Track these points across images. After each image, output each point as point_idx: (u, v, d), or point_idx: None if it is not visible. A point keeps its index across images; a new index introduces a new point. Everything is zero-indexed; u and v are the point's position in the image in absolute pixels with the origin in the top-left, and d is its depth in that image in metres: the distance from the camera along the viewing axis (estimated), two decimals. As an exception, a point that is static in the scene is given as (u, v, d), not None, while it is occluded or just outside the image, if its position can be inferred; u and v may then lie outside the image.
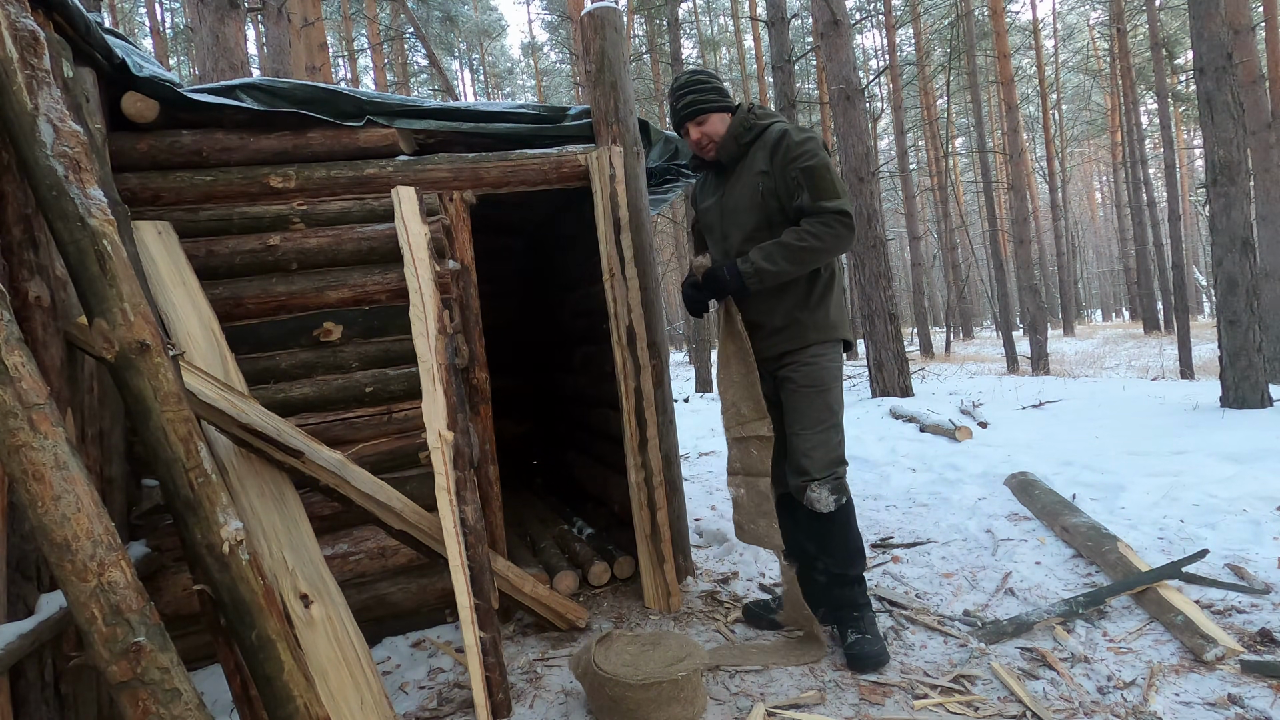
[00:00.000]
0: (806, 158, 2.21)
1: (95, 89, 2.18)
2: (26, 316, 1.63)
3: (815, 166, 2.20)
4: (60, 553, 1.19)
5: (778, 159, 2.26)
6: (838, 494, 2.28)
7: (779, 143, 2.26)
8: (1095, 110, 28.97)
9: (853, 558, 2.34)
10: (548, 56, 29.83)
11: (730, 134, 2.35)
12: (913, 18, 20.96)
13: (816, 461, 2.27)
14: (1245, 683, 1.93)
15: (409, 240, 2.35)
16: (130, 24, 21.25)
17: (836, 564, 2.34)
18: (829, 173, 2.21)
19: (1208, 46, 5.77)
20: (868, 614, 2.33)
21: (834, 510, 2.26)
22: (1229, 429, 4.83)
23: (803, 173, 2.21)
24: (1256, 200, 8.38)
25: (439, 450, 2.08)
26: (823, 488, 2.25)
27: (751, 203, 2.33)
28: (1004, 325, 15.13)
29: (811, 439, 2.28)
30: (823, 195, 2.19)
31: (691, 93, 2.36)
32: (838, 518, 2.29)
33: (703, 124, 2.37)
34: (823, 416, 2.29)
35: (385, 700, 1.82)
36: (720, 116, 2.37)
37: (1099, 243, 44.17)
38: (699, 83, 2.38)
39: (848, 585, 2.34)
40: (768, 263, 2.22)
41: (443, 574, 2.61)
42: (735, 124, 2.35)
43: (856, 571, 2.35)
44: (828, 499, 2.25)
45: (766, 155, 2.29)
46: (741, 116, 2.36)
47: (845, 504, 2.31)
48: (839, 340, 2.36)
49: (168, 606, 2.31)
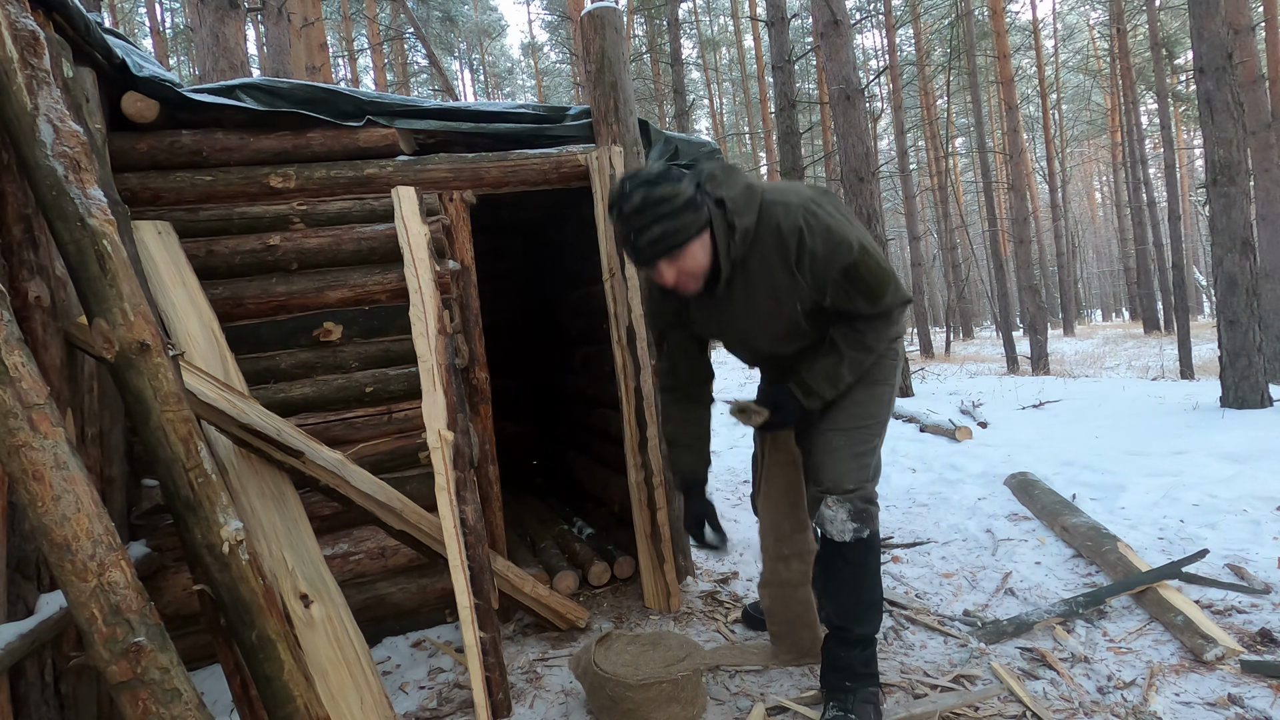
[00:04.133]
0: (842, 255, 1.73)
1: (95, 89, 2.18)
2: (26, 316, 1.63)
3: (857, 263, 1.74)
4: (60, 553, 1.19)
5: (805, 267, 1.75)
6: (859, 522, 1.84)
7: (801, 247, 1.73)
8: (1095, 110, 28.97)
9: (863, 612, 1.90)
10: (548, 56, 29.85)
11: (724, 256, 1.74)
12: (913, 18, 20.96)
13: (842, 464, 1.86)
14: (1245, 683, 1.93)
15: (409, 240, 2.35)
16: (130, 24, 21.25)
17: (838, 613, 1.92)
18: (872, 258, 1.76)
19: (1208, 46, 5.77)
20: (863, 691, 1.86)
21: (849, 541, 1.84)
22: (1229, 429, 4.83)
23: (844, 274, 1.75)
24: (1256, 200, 8.38)
25: (439, 450, 2.08)
26: (841, 507, 1.84)
27: (776, 314, 1.86)
28: (1004, 325, 15.13)
29: (840, 437, 1.90)
30: (879, 293, 1.79)
31: (658, 221, 1.64)
32: (853, 555, 1.86)
33: (679, 259, 1.70)
34: (863, 414, 1.92)
35: (385, 700, 1.82)
36: (700, 242, 1.71)
37: (1099, 243, 44.17)
38: (663, 202, 1.64)
39: (848, 646, 1.91)
40: (835, 388, 1.89)
41: (443, 574, 2.61)
42: (723, 241, 1.73)
43: (861, 632, 1.90)
44: (844, 524, 1.84)
45: (784, 262, 1.76)
46: (722, 227, 1.72)
47: (867, 539, 1.86)
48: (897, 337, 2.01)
49: (168, 606, 2.31)
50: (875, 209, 8.06)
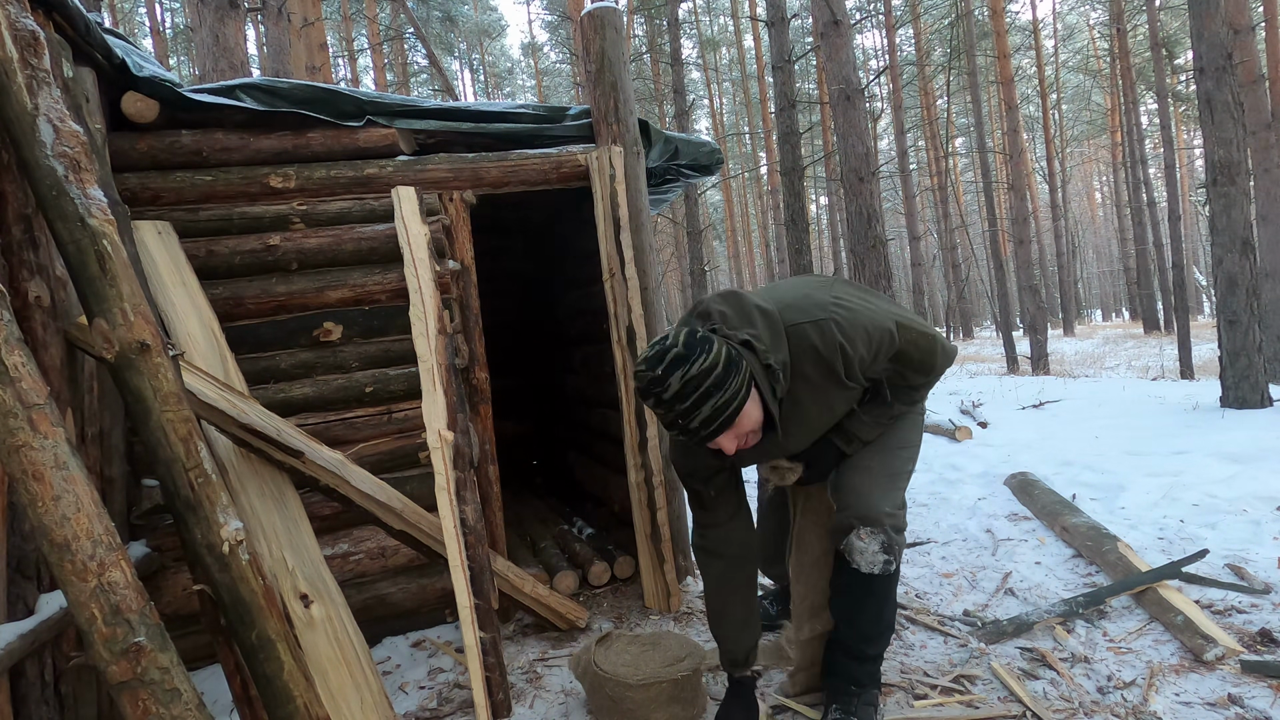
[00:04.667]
0: (886, 347, 1.70)
1: (95, 89, 2.18)
2: (26, 316, 1.63)
3: (901, 348, 1.72)
4: (60, 553, 1.19)
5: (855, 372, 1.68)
6: (890, 554, 1.76)
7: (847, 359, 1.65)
8: (1095, 110, 28.97)
9: (879, 635, 1.88)
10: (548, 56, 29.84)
11: (772, 402, 1.60)
12: (913, 18, 20.97)
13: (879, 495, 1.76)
14: (1245, 683, 1.93)
15: (409, 240, 2.34)
16: (130, 24, 21.25)
17: (855, 637, 1.87)
18: (911, 332, 1.74)
19: (1208, 46, 5.77)
20: (866, 694, 1.87)
21: (877, 575, 1.77)
22: (1229, 429, 4.83)
23: (894, 361, 1.75)
24: (1256, 200, 8.38)
25: (439, 450, 2.08)
26: (874, 538, 1.75)
27: (830, 421, 1.80)
28: (1004, 325, 15.13)
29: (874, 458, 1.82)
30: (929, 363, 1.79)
31: (706, 400, 1.49)
32: (880, 587, 1.80)
33: (738, 425, 1.56)
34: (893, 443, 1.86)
35: (385, 700, 1.82)
36: (753, 399, 1.57)
37: (1099, 243, 44.16)
38: (703, 377, 1.48)
39: (858, 661, 1.88)
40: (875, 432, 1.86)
41: (443, 574, 2.61)
42: (766, 385, 1.58)
43: (876, 651, 1.90)
44: (876, 555, 1.75)
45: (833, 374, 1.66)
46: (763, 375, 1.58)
47: (895, 572, 1.80)
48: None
49: (168, 606, 2.31)
50: (875, 209, 8.06)
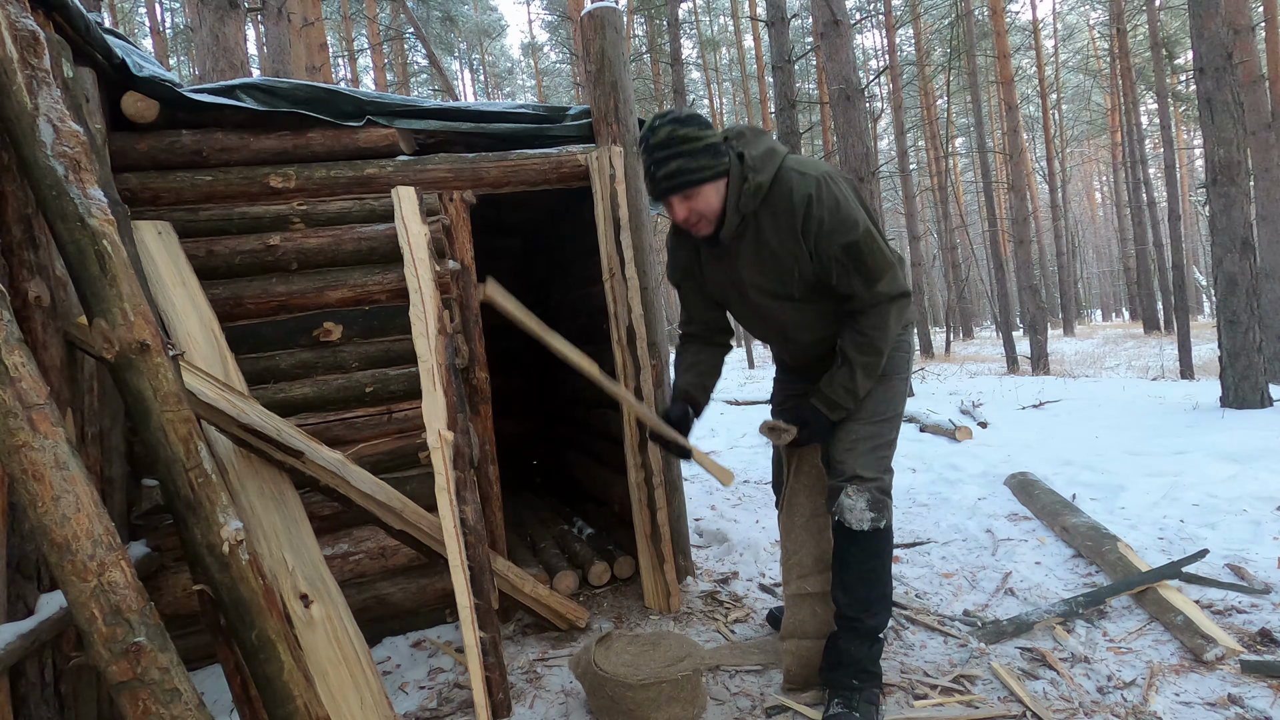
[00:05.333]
0: (845, 232, 1.81)
1: (95, 89, 2.18)
2: (26, 316, 1.63)
3: (858, 243, 1.82)
4: (60, 553, 1.19)
5: (810, 237, 1.84)
6: (877, 512, 1.90)
7: (809, 217, 1.81)
8: (1095, 110, 28.97)
9: (875, 603, 1.96)
10: (548, 56, 29.85)
11: (732, 207, 1.85)
12: (913, 18, 20.96)
13: (861, 456, 1.93)
14: (1245, 683, 1.93)
15: (409, 240, 2.34)
16: (130, 24, 21.26)
17: (849, 604, 1.95)
18: (875, 242, 1.84)
19: (1208, 46, 5.77)
20: (868, 690, 1.90)
21: (866, 530, 1.90)
22: (1229, 429, 4.84)
23: (846, 253, 1.83)
24: (1256, 200, 8.38)
25: (439, 450, 2.08)
26: (860, 496, 1.90)
27: (787, 282, 1.93)
28: (1004, 325, 15.13)
29: (859, 429, 1.96)
30: (876, 275, 1.85)
31: (678, 157, 1.77)
32: (868, 543, 1.93)
33: (691, 198, 1.82)
34: (878, 408, 1.98)
35: (385, 700, 1.82)
36: (714, 186, 1.82)
37: (1099, 243, 44.17)
38: (686, 140, 1.77)
39: (859, 639, 1.94)
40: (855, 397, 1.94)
41: (443, 574, 2.61)
42: (734, 192, 1.84)
43: (872, 624, 1.95)
44: (863, 512, 1.89)
45: (791, 229, 1.85)
46: (738, 179, 1.84)
47: (884, 531, 1.94)
48: (908, 325, 2.10)
49: (168, 606, 2.31)
50: (875, 209, 8.05)
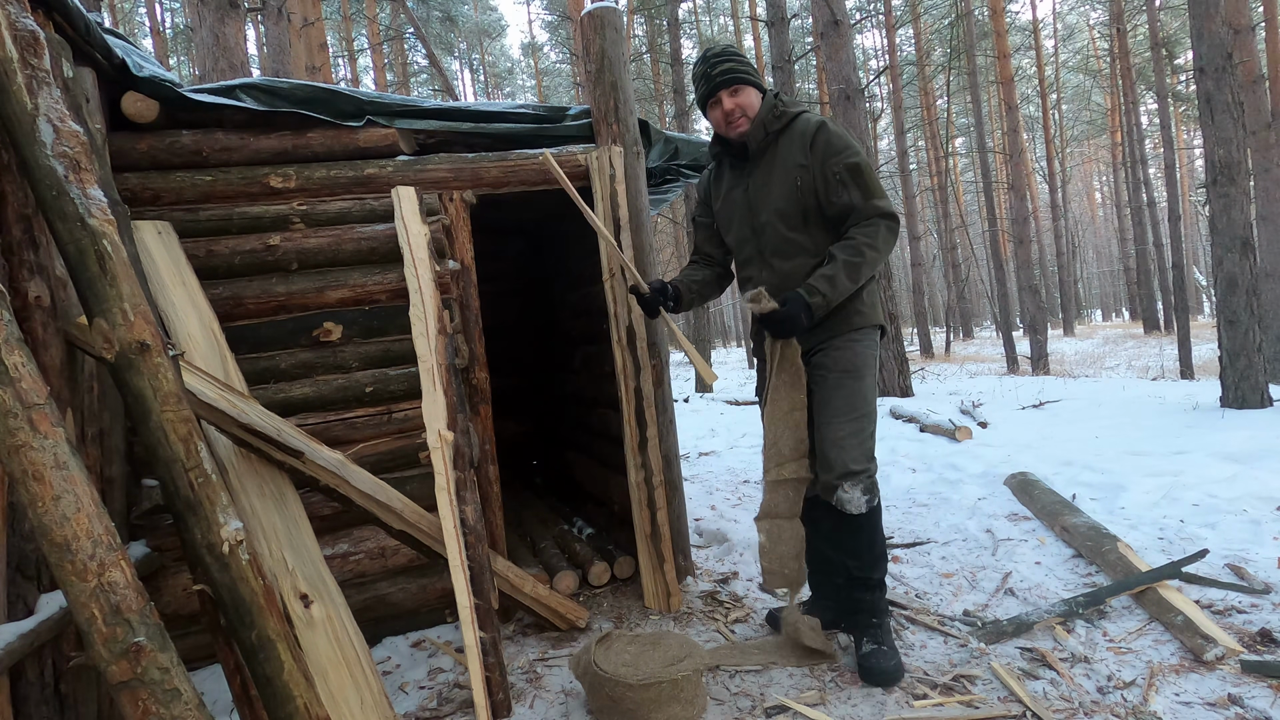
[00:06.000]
0: (850, 154, 2.14)
1: (95, 89, 2.18)
2: (26, 316, 1.63)
3: (860, 164, 2.13)
4: (60, 553, 1.19)
5: (817, 153, 2.16)
6: (870, 494, 2.16)
7: (818, 135, 2.17)
8: (1095, 110, 28.96)
9: (877, 561, 2.24)
10: (548, 56, 29.83)
11: (760, 119, 2.23)
12: (913, 18, 20.96)
13: (849, 452, 2.13)
14: (1245, 683, 1.93)
15: (409, 240, 2.35)
16: (130, 24, 21.25)
17: (860, 567, 2.23)
18: (870, 171, 2.14)
19: (1208, 46, 5.77)
20: (886, 623, 2.24)
21: (865, 512, 2.15)
22: (1229, 429, 4.83)
23: (848, 170, 2.13)
24: (1256, 200, 8.38)
25: (439, 450, 2.08)
26: (855, 487, 2.13)
27: (789, 197, 2.21)
28: (1004, 325, 15.13)
29: (844, 427, 2.15)
30: (871, 194, 2.12)
31: (728, 60, 2.23)
32: (867, 521, 2.18)
33: (737, 94, 2.23)
34: (856, 404, 2.17)
35: (385, 700, 1.82)
36: (755, 91, 2.26)
37: (1099, 243, 44.16)
38: (738, 55, 2.26)
39: (869, 590, 2.24)
40: (834, 289, 2.10)
41: (443, 574, 2.61)
42: (765, 109, 2.23)
43: (880, 575, 2.25)
44: (859, 500, 2.13)
45: (802, 148, 2.19)
46: (770, 102, 2.25)
47: (876, 506, 2.19)
48: (877, 326, 2.28)
49: (168, 606, 2.31)
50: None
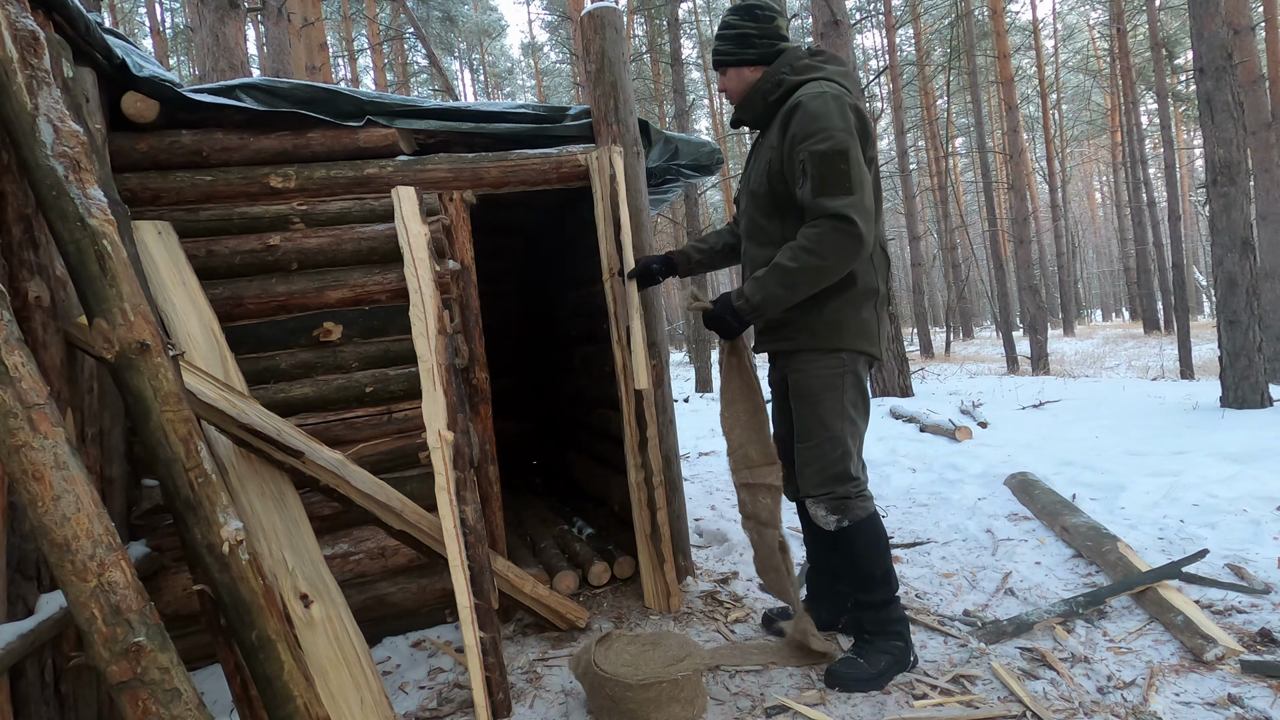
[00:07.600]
0: (818, 140, 1.86)
1: (95, 89, 2.18)
2: (26, 316, 1.63)
3: (825, 152, 1.84)
4: (60, 553, 1.19)
5: (788, 134, 1.95)
6: (838, 514, 2.10)
7: (794, 114, 1.94)
8: (1095, 110, 28.96)
9: (866, 583, 2.15)
10: (548, 56, 29.83)
11: (758, 91, 2.09)
12: (913, 18, 20.95)
13: (808, 479, 2.13)
14: (1245, 683, 1.93)
15: (409, 240, 2.34)
16: (130, 24, 21.26)
17: (852, 584, 2.22)
18: (841, 162, 1.84)
19: (1208, 46, 5.77)
20: (878, 643, 2.13)
21: (834, 531, 2.12)
22: (1229, 429, 4.83)
23: (811, 158, 1.87)
24: (1256, 200, 8.38)
25: (439, 450, 2.08)
26: (818, 506, 2.13)
27: (761, 180, 2.08)
28: (1004, 325, 15.13)
29: (804, 454, 2.14)
30: (824, 190, 1.85)
31: (718, 39, 2.14)
32: (840, 541, 2.15)
33: (723, 74, 2.16)
34: (813, 430, 2.10)
35: (385, 700, 1.82)
36: (737, 71, 2.12)
37: (1099, 243, 44.15)
38: (727, 27, 2.12)
39: (863, 609, 2.19)
40: (762, 294, 1.98)
41: (443, 574, 2.61)
42: (765, 79, 2.07)
43: (874, 598, 2.15)
44: (826, 518, 2.12)
45: (782, 126, 1.99)
46: (773, 71, 2.06)
47: (849, 528, 2.10)
48: (836, 350, 2.06)
49: (168, 606, 2.31)
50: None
